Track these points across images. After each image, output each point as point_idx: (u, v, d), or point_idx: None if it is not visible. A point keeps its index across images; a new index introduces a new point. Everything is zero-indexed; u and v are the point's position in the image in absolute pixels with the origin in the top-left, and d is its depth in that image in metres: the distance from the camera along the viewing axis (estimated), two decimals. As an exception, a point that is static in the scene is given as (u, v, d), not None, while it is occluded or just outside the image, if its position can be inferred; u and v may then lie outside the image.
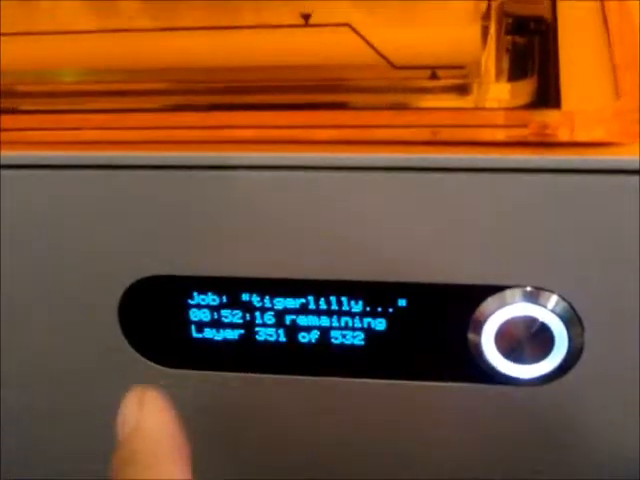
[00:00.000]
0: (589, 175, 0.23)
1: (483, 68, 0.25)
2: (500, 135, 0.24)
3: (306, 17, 0.25)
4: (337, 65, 0.25)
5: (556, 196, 0.23)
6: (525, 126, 0.23)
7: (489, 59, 0.25)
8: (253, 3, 0.27)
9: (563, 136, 0.23)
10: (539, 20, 0.26)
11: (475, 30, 0.25)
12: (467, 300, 0.25)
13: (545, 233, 0.24)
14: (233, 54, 0.26)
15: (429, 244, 0.24)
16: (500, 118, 0.24)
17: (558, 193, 0.23)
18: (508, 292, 0.25)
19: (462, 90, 0.25)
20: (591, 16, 0.29)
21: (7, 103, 0.27)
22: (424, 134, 0.23)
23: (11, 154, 0.25)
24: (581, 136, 0.23)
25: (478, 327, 0.25)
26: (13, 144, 0.25)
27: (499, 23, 0.26)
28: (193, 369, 0.27)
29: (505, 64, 0.26)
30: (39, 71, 0.28)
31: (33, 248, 0.26)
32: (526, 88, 0.25)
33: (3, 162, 0.25)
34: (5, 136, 0.26)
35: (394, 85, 0.25)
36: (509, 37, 0.26)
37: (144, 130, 0.25)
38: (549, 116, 0.24)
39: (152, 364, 0.27)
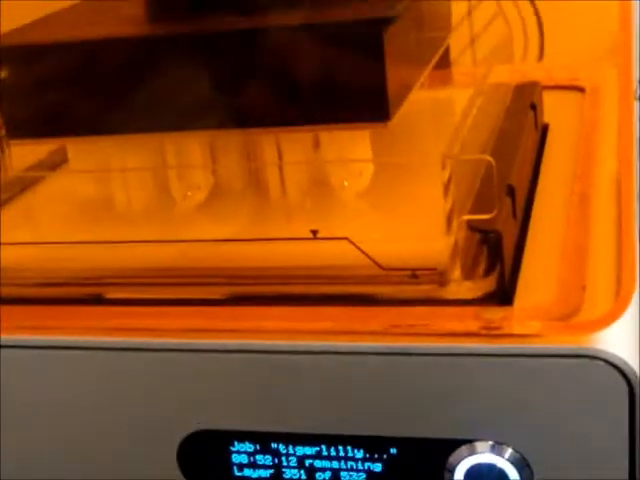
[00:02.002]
0: (527, 359, 0.30)
1: (451, 271, 0.33)
2: (457, 327, 0.31)
3: (314, 232, 0.34)
4: (337, 266, 0.34)
5: (503, 375, 0.31)
6: (476, 320, 0.31)
7: (456, 264, 0.33)
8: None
9: (505, 329, 0.31)
10: (496, 232, 0.33)
11: (448, 241, 0.33)
12: (443, 449, 0.33)
13: (500, 403, 0.31)
14: (257, 258, 0.35)
15: (412, 411, 0.32)
16: (457, 313, 0.32)
17: (504, 373, 0.31)
18: (477, 444, 0.32)
19: (437, 287, 0.33)
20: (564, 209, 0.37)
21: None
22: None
23: (88, 339, 0.34)
24: (519, 329, 0.31)
25: (451, 469, 0.33)
26: (79, 329, 0.34)
27: (467, 236, 0.33)
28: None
29: (469, 267, 0.33)
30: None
31: (105, 413, 0.34)
32: (484, 287, 0.32)
33: (83, 345, 0.34)
34: (69, 323, 0.34)
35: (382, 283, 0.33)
36: (475, 244, 0.33)
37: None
38: (495, 312, 0.31)
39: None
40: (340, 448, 0.33)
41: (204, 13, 0.36)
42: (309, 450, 0.33)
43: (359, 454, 0.33)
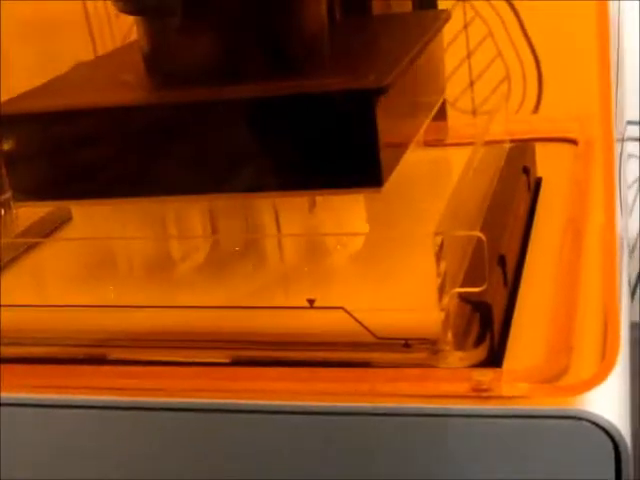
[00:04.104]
0: (515, 420, 0.31)
1: (443, 341, 0.34)
2: (448, 388, 0.32)
3: (311, 302, 0.35)
4: (332, 333, 0.35)
5: (492, 436, 0.32)
6: (467, 381, 0.32)
7: (448, 334, 0.34)
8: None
9: (495, 391, 0.32)
10: (487, 305, 0.34)
11: (439, 312, 0.34)
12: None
13: (488, 463, 0.32)
14: (255, 323, 0.36)
15: (403, 471, 0.33)
16: (448, 375, 0.33)
17: (493, 434, 0.32)
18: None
19: (429, 356, 0.34)
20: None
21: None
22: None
23: (90, 398, 0.34)
24: (508, 391, 0.32)
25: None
26: (82, 389, 0.35)
27: (458, 305, 0.34)
28: None
29: (461, 336, 0.34)
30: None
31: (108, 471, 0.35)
32: (475, 357, 0.33)
33: (86, 403, 0.34)
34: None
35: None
36: (466, 314, 0.34)
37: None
38: (485, 375, 0.32)
39: None
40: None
41: (201, 81, 0.38)
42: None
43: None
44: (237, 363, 0.35)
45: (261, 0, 0.38)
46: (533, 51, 0.72)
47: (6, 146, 0.38)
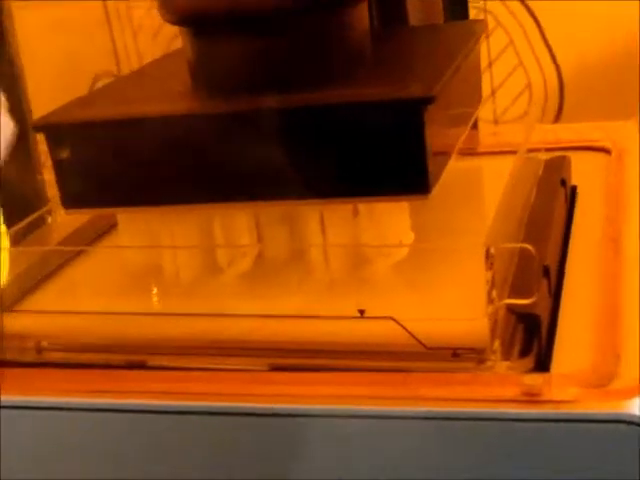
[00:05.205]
0: (565, 424, 0.32)
1: (490, 351, 0.34)
2: (498, 393, 0.33)
3: (362, 312, 0.35)
4: (380, 343, 0.35)
5: (542, 440, 0.32)
6: (517, 386, 0.33)
7: (496, 344, 0.34)
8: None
9: (545, 395, 0.32)
10: (536, 317, 0.35)
11: (488, 322, 0.34)
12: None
13: (538, 468, 0.32)
14: (300, 332, 0.36)
15: (455, 474, 0.33)
16: (498, 379, 0.33)
17: (543, 437, 0.32)
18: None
19: (476, 365, 0.34)
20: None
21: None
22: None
23: (130, 402, 0.35)
24: (558, 395, 0.32)
25: None
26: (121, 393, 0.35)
27: (506, 318, 0.35)
28: None
29: (508, 345, 0.34)
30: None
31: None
32: (523, 366, 0.34)
33: (126, 407, 0.35)
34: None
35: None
36: (512, 323, 0.35)
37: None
38: (535, 379, 0.33)
39: None
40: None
41: (248, 90, 0.38)
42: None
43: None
44: (280, 369, 0.36)
45: (307, 9, 0.38)
46: (554, 60, 0.72)
47: (56, 155, 0.38)
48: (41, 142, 0.41)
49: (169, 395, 0.35)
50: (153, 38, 0.76)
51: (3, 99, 0.30)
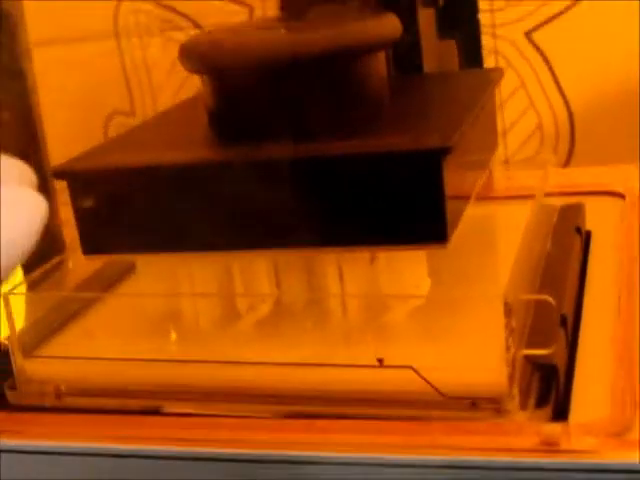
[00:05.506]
0: (584, 474, 0.32)
1: (509, 401, 0.34)
2: (516, 442, 0.33)
3: (380, 361, 0.36)
4: (398, 391, 0.35)
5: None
6: (535, 435, 0.33)
7: (514, 394, 0.34)
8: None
9: (564, 445, 0.33)
10: (554, 367, 0.35)
11: (506, 372, 0.34)
12: None
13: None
14: (317, 380, 0.37)
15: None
16: (516, 428, 0.33)
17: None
18: None
19: (494, 414, 0.35)
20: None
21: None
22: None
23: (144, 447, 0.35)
24: (577, 445, 0.32)
25: None
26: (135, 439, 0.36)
27: (523, 367, 0.35)
28: None
29: (525, 394, 0.35)
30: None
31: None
32: (540, 417, 0.34)
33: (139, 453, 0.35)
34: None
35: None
36: (529, 372, 0.35)
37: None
38: (554, 429, 0.33)
39: None
40: None
41: (266, 140, 0.39)
42: None
43: None
44: (297, 417, 0.36)
45: (326, 59, 0.39)
46: (566, 102, 0.73)
47: (78, 202, 0.39)
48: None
49: (185, 442, 0.35)
50: (167, 75, 0.76)
51: (33, 176, 0.30)
